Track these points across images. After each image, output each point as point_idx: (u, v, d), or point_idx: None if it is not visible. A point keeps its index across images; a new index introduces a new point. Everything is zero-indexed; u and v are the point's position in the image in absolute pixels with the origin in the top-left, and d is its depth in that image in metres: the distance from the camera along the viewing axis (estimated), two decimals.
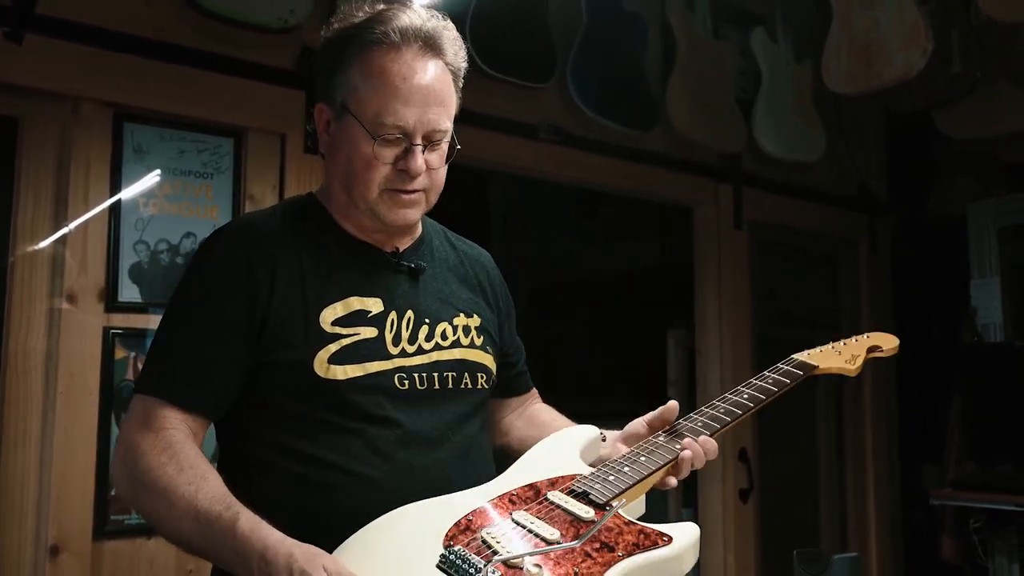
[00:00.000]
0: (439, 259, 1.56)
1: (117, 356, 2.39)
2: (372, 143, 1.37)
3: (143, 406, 1.33)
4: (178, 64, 2.51)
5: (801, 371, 1.57)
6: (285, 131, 2.68)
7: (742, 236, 3.98)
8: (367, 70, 1.38)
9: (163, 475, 1.25)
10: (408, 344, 1.43)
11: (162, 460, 1.26)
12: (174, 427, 1.31)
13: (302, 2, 2.61)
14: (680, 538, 1.22)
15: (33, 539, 2.26)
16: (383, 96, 1.37)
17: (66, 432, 2.29)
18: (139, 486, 1.27)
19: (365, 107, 1.38)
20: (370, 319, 1.41)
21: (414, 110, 1.37)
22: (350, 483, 1.33)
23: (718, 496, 3.81)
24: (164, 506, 1.24)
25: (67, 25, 2.34)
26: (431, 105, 1.38)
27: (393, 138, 1.37)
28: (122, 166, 2.44)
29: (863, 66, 3.13)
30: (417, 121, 1.37)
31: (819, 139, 3.98)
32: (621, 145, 3.52)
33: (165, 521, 1.25)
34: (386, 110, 1.36)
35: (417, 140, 1.38)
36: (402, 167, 1.38)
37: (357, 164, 1.39)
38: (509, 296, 1.69)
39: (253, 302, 1.35)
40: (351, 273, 1.43)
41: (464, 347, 1.49)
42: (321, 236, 1.45)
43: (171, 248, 2.50)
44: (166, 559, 2.40)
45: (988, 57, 3.58)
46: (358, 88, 1.39)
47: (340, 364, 1.36)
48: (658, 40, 3.70)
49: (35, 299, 2.32)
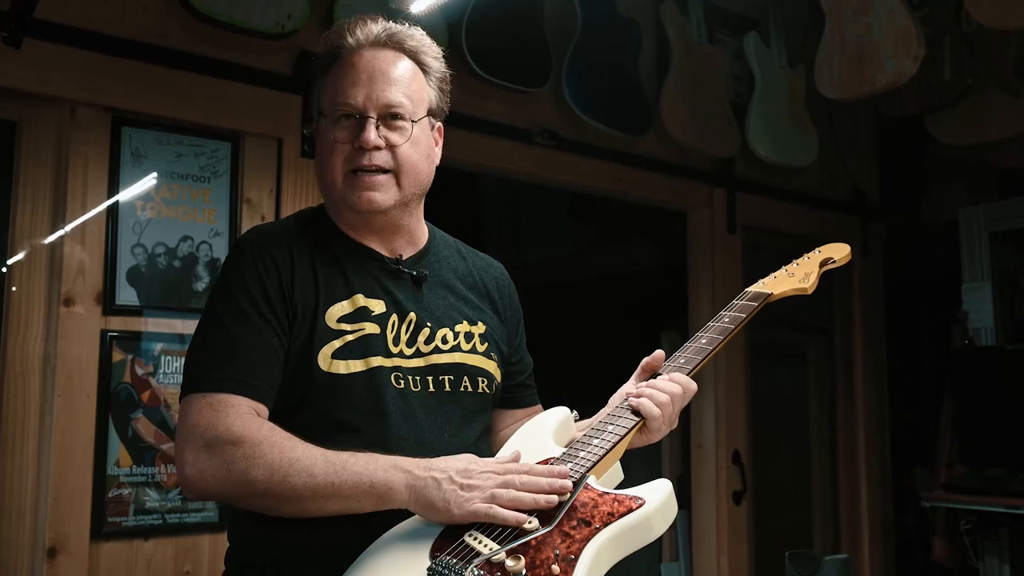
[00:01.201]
0: (446, 268, 1.59)
1: (115, 359, 2.40)
2: (333, 126, 1.45)
3: (207, 402, 1.32)
4: (175, 69, 2.53)
5: (755, 302, 1.59)
6: (282, 135, 2.70)
7: (735, 240, 4.00)
8: (332, 75, 1.48)
9: (276, 441, 1.27)
10: (406, 347, 1.45)
11: (265, 432, 1.28)
12: (247, 412, 1.32)
13: (298, 8, 2.63)
14: (652, 497, 1.25)
15: (31, 540, 2.27)
16: (336, 84, 1.46)
17: (64, 434, 2.30)
18: (251, 459, 1.26)
19: (326, 102, 1.47)
20: (374, 317, 1.44)
21: (363, 88, 1.44)
22: None
23: (711, 498, 3.84)
24: (288, 461, 1.25)
25: (65, 30, 2.36)
26: (380, 83, 1.45)
27: (345, 116, 1.44)
28: (120, 170, 2.46)
29: (855, 72, 3.15)
30: (366, 97, 1.44)
31: (812, 144, 4.00)
32: (615, 149, 3.55)
33: (291, 474, 1.25)
34: (339, 93, 1.45)
35: (370, 114, 1.43)
36: (357, 143, 1.43)
37: (324, 155, 1.47)
38: (519, 309, 1.70)
39: (283, 297, 1.41)
40: (358, 276, 1.47)
41: (464, 352, 1.51)
42: (328, 243, 1.49)
43: (168, 251, 2.52)
44: (163, 560, 2.42)
45: (979, 64, 3.62)
46: (324, 90, 1.49)
47: (343, 359, 1.39)
48: (652, 45, 3.73)
49: (33, 302, 2.33)
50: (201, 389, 1.34)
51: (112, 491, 2.37)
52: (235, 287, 1.41)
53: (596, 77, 3.39)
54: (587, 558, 1.16)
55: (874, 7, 3.11)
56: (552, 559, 1.16)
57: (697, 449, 3.92)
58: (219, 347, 1.38)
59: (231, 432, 1.28)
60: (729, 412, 3.88)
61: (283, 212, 2.66)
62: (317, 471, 1.25)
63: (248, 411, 1.32)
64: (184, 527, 2.45)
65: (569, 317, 4.91)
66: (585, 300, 5.07)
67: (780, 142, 3.91)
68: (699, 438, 3.91)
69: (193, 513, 2.47)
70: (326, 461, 1.25)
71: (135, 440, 2.41)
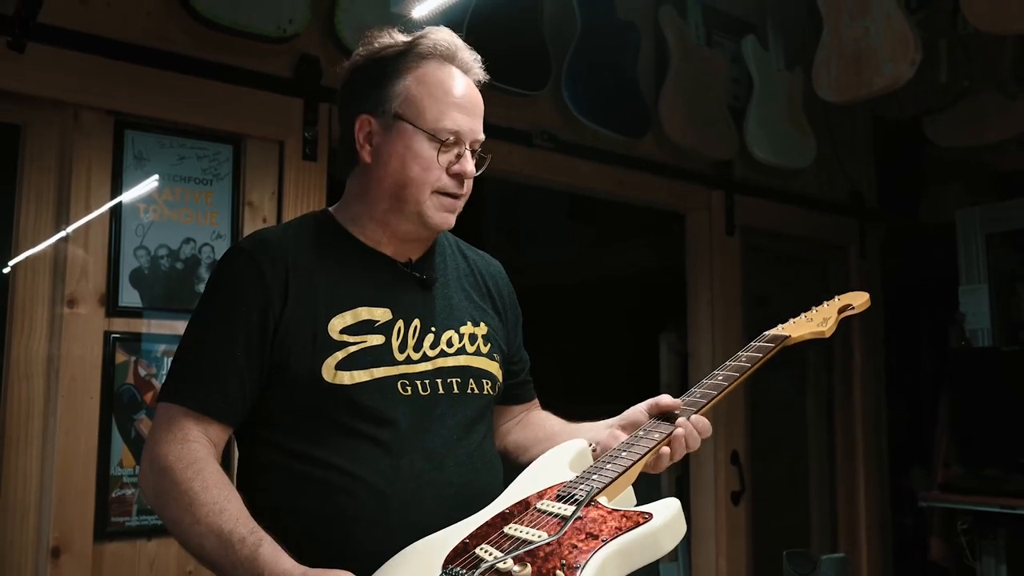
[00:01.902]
0: (450, 269, 1.60)
1: (118, 360, 2.42)
2: (431, 146, 1.46)
3: (167, 415, 1.38)
4: (178, 72, 2.54)
5: (773, 343, 1.61)
6: (283, 138, 2.72)
7: (734, 242, 4.02)
8: (424, 80, 1.48)
9: (189, 491, 1.30)
10: (413, 352, 1.47)
11: (188, 475, 1.31)
12: (196, 439, 1.36)
13: (300, 11, 2.65)
14: (661, 513, 1.26)
15: (35, 540, 2.29)
16: (441, 103, 1.46)
17: (67, 435, 2.32)
18: (166, 498, 1.32)
19: (423, 113, 1.46)
20: (377, 327, 1.45)
21: (467, 118, 1.48)
22: (355, 486, 1.36)
23: (710, 499, 3.85)
24: (189, 521, 1.29)
25: (68, 34, 2.38)
26: (477, 115, 1.51)
27: (450, 142, 1.46)
28: (123, 173, 2.48)
29: (852, 75, 3.18)
30: (469, 128, 1.48)
31: (810, 146, 4.02)
32: (614, 152, 3.56)
33: (189, 536, 1.30)
34: (445, 116, 1.46)
35: (467, 145, 1.49)
36: (456, 170, 1.47)
37: (414, 167, 1.46)
38: (517, 307, 1.72)
39: (266, 312, 1.40)
40: (361, 283, 1.48)
41: (469, 354, 1.53)
42: (334, 249, 1.50)
43: (171, 253, 2.54)
44: (166, 561, 2.43)
45: (975, 67, 3.64)
46: (416, 97, 1.47)
47: (347, 370, 1.40)
48: (651, 48, 3.75)
49: (37, 304, 2.35)
50: (166, 399, 1.40)
51: (115, 491, 2.39)
52: (216, 301, 1.45)
53: (595, 80, 3.41)
54: (592, 568, 1.18)
55: (871, 11, 3.13)
56: (558, 567, 1.18)
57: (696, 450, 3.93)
58: (188, 360, 1.42)
59: (164, 460, 1.33)
60: (728, 413, 3.89)
61: (285, 214, 2.68)
62: (207, 548, 1.27)
63: (194, 437, 1.36)
64: None
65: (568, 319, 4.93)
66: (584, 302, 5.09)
67: (778, 144, 3.93)
68: None
69: None
70: (220, 543, 1.26)
71: (138, 441, 2.43)
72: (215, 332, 1.41)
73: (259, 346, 1.40)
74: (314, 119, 2.75)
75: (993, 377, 3.96)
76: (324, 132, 2.78)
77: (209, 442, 1.37)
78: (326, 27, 2.79)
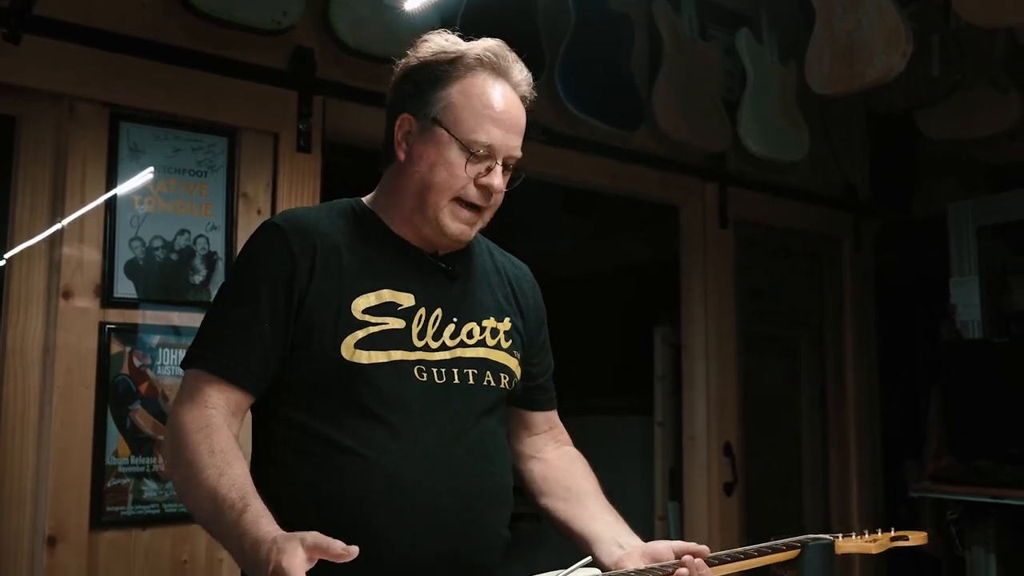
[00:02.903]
0: (477, 264, 1.63)
1: (113, 351, 2.44)
2: (462, 155, 1.47)
3: (192, 380, 1.43)
4: (173, 64, 2.56)
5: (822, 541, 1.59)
6: (278, 130, 2.73)
7: (727, 234, 4.04)
8: (468, 91, 1.49)
9: (196, 454, 1.34)
10: (432, 340, 1.49)
11: (198, 439, 1.35)
12: (215, 406, 1.39)
13: (294, 4, 2.65)
14: None
15: (31, 530, 2.31)
16: (480, 115, 1.48)
17: (63, 425, 2.34)
18: (176, 459, 1.37)
19: (461, 123, 1.48)
20: (400, 311, 1.48)
21: (502, 132, 1.49)
22: (365, 467, 1.39)
23: (703, 490, 3.88)
24: (192, 484, 1.33)
25: (64, 26, 2.39)
26: (514, 132, 1.51)
27: (481, 154, 1.48)
28: (118, 164, 2.49)
29: (844, 68, 3.19)
30: (503, 143, 1.49)
31: (803, 139, 4.03)
32: (608, 144, 3.58)
33: (190, 498, 1.35)
34: (480, 128, 1.47)
35: (499, 160, 1.49)
36: (483, 183, 1.48)
37: (441, 171, 1.48)
38: (543, 311, 1.74)
39: (292, 286, 1.44)
40: (388, 268, 1.51)
41: (489, 347, 1.55)
42: (366, 235, 1.53)
43: (166, 245, 2.55)
44: (161, 549, 2.45)
45: (967, 60, 3.65)
46: (456, 106, 1.49)
47: (365, 349, 1.43)
48: (645, 41, 3.75)
49: (33, 295, 2.36)
50: (191, 364, 1.44)
51: (111, 481, 2.41)
52: (245, 272, 1.50)
53: (589, 73, 3.42)
54: None
55: (863, 3, 3.14)
56: None
57: (689, 441, 3.96)
58: (214, 328, 1.47)
59: (179, 422, 1.38)
60: (721, 405, 3.92)
61: (279, 206, 2.69)
62: (204, 510, 1.31)
63: (214, 403, 1.39)
64: (182, 517, 2.48)
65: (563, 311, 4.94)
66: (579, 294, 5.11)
67: (772, 137, 3.95)
68: (691, 430, 3.95)
69: None
70: (213, 506, 1.28)
71: (133, 431, 2.45)
72: (241, 302, 1.45)
73: (284, 318, 1.43)
74: (308, 111, 2.76)
75: (984, 369, 3.98)
76: (318, 124, 2.79)
77: (228, 409, 1.41)
78: (320, 20, 2.80)
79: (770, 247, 4.49)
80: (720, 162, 3.98)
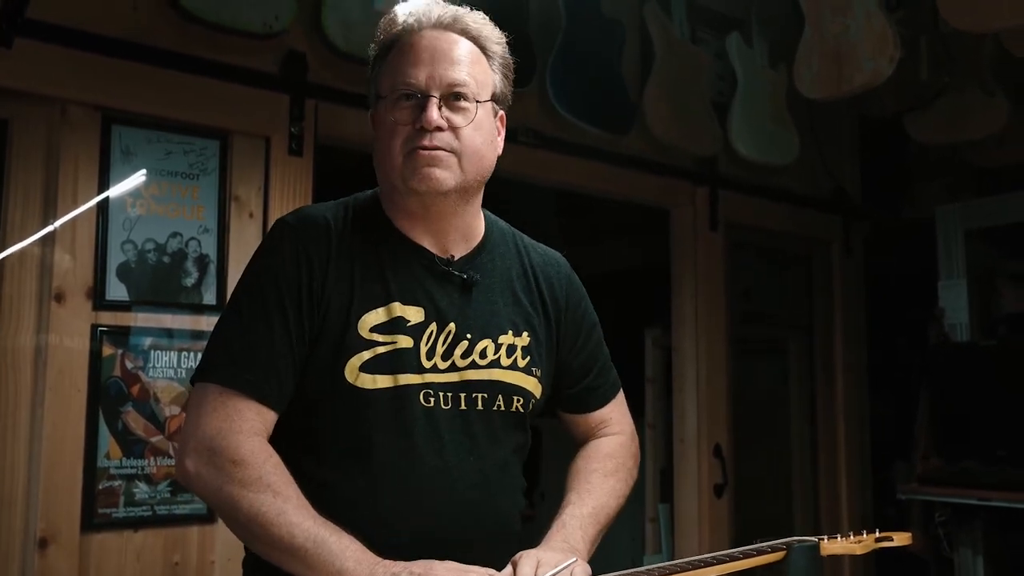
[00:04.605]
0: (499, 268, 1.52)
1: (105, 353, 2.44)
2: (394, 106, 1.39)
3: (222, 400, 1.32)
4: (165, 68, 2.56)
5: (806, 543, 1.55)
6: (269, 134, 2.73)
7: (718, 237, 4.06)
8: (390, 59, 1.43)
9: (274, 485, 1.27)
10: (441, 360, 1.40)
11: (268, 468, 1.28)
12: (259, 432, 1.32)
13: (286, 8, 2.66)
14: None
15: (22, 532, 2.31)
16: (396, 66, 1.41)
17: (54, 427, 2.34)
18: (242, 489, 1.28)
19: (384, 85, 1.42)
20: (409, 328, 1.39)
21: (424, 68, 1.38)
22: (358, 501, 1.34)
23: (693, 492, 3.89)
24: (274, 512, 1.26)
25: (56, 30, 2.39)
26: (443, 62, 1.39)
27: (406, 97, 1.38)
28: (110, 167, 2.49)
29: (833, 72, 3.21)
30: (428, 77, 1.38)
31: (793, 143, 4.05)
32: (599, 148, 3.59)
33: (272, 527, 1.26)
34: (399, 75, 1.39)
35: (432, 94, 1.37)
36: (419, 124, 1.37)
37: (383, 137, 1.41)
38: (581, 305, 1.64)
39: (311, 294, 1.36)
40: (399, 277, 1.42)
41: (503, 368, 1.45)
42: (376, 239, 1.44)
43: (158, 248, 2.56)
44: (153, 551, 2.46)
45: (955, 64, 3.68)
46: (382, 74, 1.44)
47: (371, 373, 1.36)
48: (636, 44, 3.77)
49: (24, 297, 2.36)
50: (216, 380, 1.34)
51: (102, 483, 2.41)
52: (265, 279, 1.38)
53: (580, 76, 3.43)
54: None
55: (852, 8, 3.17)
56: None
57: (679, 443, 3.98)
58: (241, 341, 1.35)
59: (238, 452, 1.28)
60: (711, 407, 3.93)
61: (271, 209, 2.70)
62: (297, 533, 1.24)
63: (258, 428, 1.31)
64: (173, 518, 2.49)
65: None
66: None
67: (762, 141, 3.97)
68: (681, 432, 3.97)
69: (182, 505, 2.51)
70: (311, 527, 1.24)
71: (125, 433, 2.45)
72: (263, 314, 1.35)
73: (305, 333, 1.36)
74: (300, 115, 2.77)
75: (972, 371, 4.01)
76: (310, 127, 2.80)
77: (265, 429, 1.33)
78: (312, 23, 2.81)
79: (760, 250, 4.51)
80: (710, 165, 3.99)
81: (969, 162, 4.41)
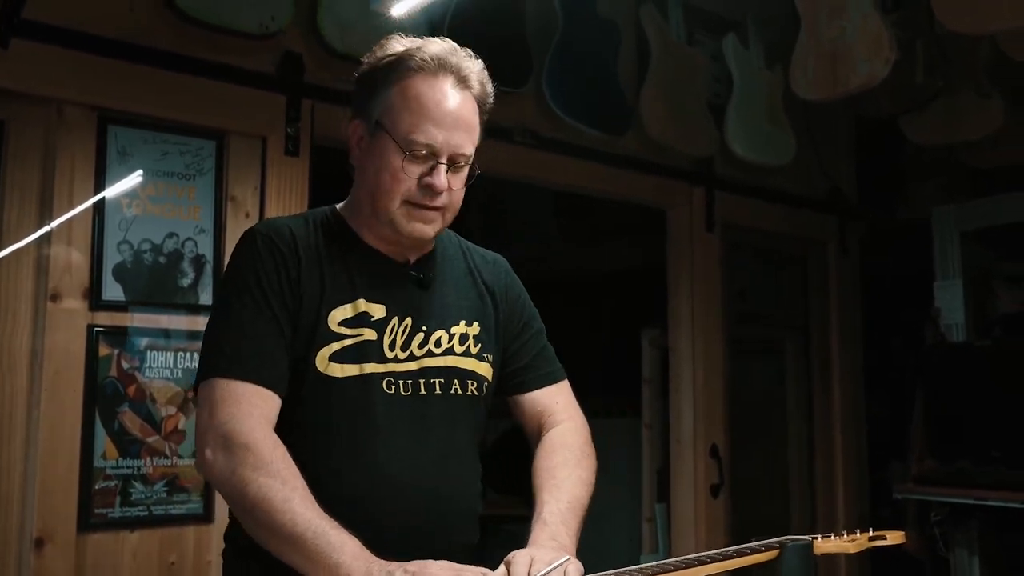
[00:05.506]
0: (449, 268, 1.65)
1: (101, 353, 2.44)
2: (402, 157, 1.47)
3: (228, 389, 1.40)
4: (161, 68, 2.56)
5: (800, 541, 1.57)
6: (266, 134, 2.74)
7: (714, 238, 4.06)
8: (405, 93, 1.49)
9: (279, 472, 1.33)
10: (400, 351, 1.52)
11: (276, 456, 1.34)
12: (269, 420, 1.40)
13: (282, 8, 2.67)
14: None
15: (18, 531, 2.31)
16: (417, 116, 1.48)
17: (51, 427, 2.34)
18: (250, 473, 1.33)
19: (399, 125, 1.48)
20: (373, 322, 1.51)
21: (443, 132, 1.48)
22: (326, 484, 1.38)
23: (690, 492, 3.90)
24: (280, 499, 1.31)
25: (52, 30, 2.39)
26: (458, 130, 1.50)
27: (421, 155, 1.48)
28: (106, 168, 2.49)
29: (828, 73, 3.21)
30: (444, 142, 1.48)
31: (789, 144, 4.06)
32: (595, 149, 3.59)
33: (276, 514, 1.30)
34: (418, 129, 1.47)
35: (443, 159, 1.49)
36: (427, 183, 1.48)
37: (385, 176, 1.49)
38: (517, 292, 1.75)
39: (290, 289, 1.47)
40: (362, 278, 1.53)
41: (457, 355, 1.57)
42: (339, 245, 1.55)
43: (154, 248, 2.56)
44: (149, 551, 2.46)
45: (951, 66, 3.68)
46: (395, 108, 1.49)
47: (339, 363, 1.46)
48: (632, 46, 3.78)
49: (21, 298, 2.37)
50: (219, 374, 1.41)
51: (98, 483, 2.41)
52: (249, 276, 1.47)
53: (577, 77, 3.44)
54: None
55: (848, 10, 3.17)
56: None
57: (676, 443, 3.99)
58: (238, 333, 1.44)
59: (250, 436, 1.35)
60: (707, 407, 3.94)
61: (267, 209, 2.70)
62: (300, 522, 1.28)
63: (266, 413, 1.39)
64: (169, 518, 2.50)
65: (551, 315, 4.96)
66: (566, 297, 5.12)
67: (758, 142, 3.97)
68: (678, 433, 3.97)
69: (178, 505, 2.52)
70: (314, 519, 1.29)
71: (121, 433, 2.46)
72: (255, 307, 1.45)
73: (288, 317, 1.45)
74: (296, 115, 2.77)
75: (967, 372, 4.02)
76: (306, 128, 2.80)
77: (272, 416, 1.41)
78: (309, 24, 2.81)
79: (756, 250, 4.52)
80: (707, 166, 4.00)
81: (965, 163, 4.42)
